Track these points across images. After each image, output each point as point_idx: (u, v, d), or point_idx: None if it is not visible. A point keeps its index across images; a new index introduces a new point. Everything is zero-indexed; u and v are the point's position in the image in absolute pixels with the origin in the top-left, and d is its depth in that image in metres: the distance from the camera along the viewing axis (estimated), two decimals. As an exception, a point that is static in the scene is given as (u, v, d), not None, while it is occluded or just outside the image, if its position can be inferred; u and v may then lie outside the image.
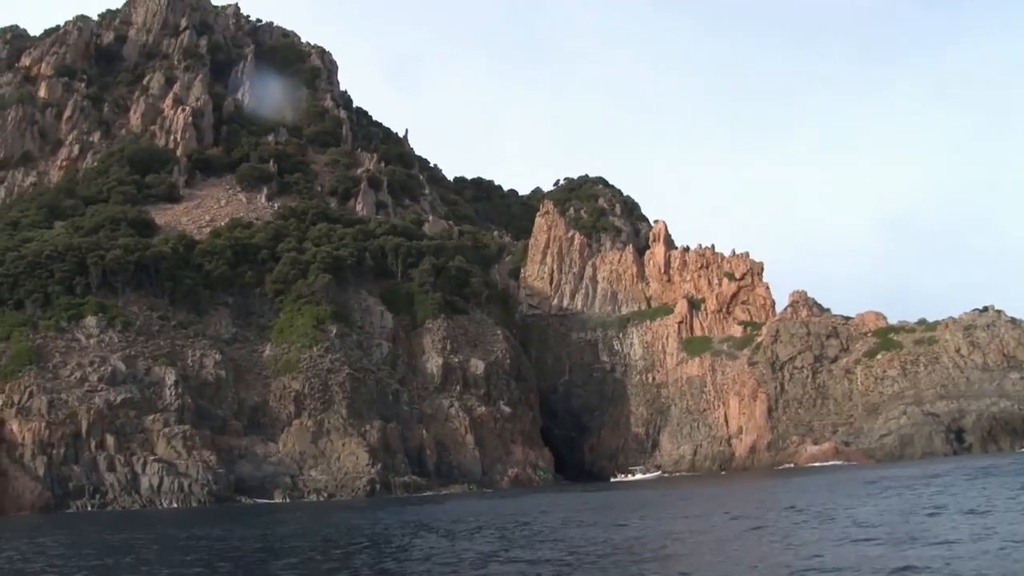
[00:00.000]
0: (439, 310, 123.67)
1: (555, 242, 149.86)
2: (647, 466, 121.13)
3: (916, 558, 22.21)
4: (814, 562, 22.77)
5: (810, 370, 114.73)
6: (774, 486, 70.95)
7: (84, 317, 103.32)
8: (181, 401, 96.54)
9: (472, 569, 26.24)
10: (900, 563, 21.36)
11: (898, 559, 22.18)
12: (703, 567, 24.69)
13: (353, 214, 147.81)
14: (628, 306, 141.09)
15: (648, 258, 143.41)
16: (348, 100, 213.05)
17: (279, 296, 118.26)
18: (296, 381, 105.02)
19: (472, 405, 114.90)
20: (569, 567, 25.38)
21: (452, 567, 27.12)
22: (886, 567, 21.07)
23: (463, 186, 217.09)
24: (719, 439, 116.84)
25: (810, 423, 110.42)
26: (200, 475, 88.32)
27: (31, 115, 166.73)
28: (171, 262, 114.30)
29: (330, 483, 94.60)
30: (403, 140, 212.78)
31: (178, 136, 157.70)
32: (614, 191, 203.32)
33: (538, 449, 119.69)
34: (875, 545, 25.66)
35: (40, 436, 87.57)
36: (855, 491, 50.96)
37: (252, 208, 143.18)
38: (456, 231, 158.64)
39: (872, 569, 21.15)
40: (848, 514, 35.74)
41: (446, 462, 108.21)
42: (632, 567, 24.99)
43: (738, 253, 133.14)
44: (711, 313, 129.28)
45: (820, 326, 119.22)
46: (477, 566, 26.81)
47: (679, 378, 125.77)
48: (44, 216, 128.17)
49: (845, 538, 27.92)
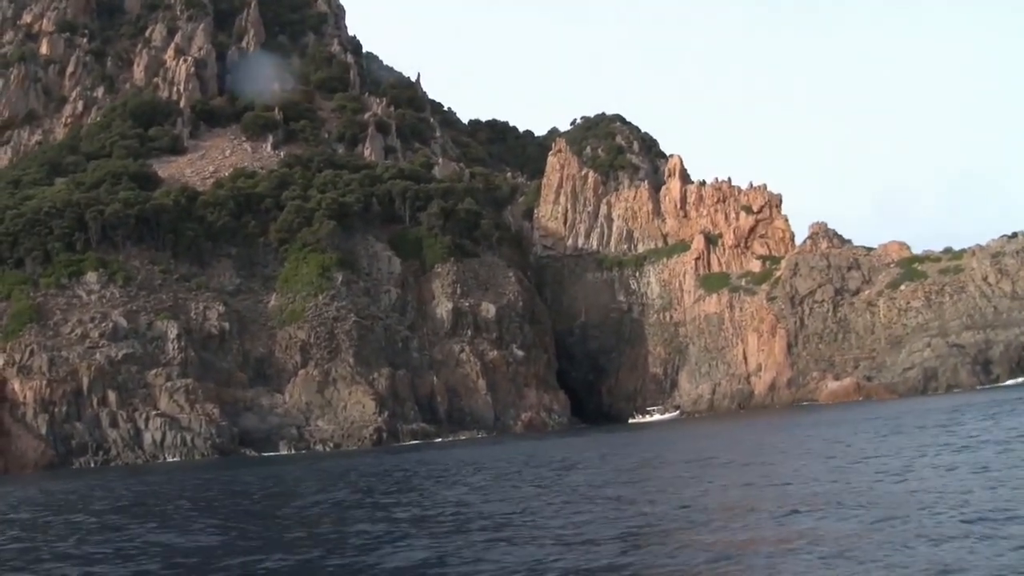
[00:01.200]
0: (448, 254, 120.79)
1: (568, 181, 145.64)
2: (666, 406, 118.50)
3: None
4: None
5: (831, 304, 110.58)
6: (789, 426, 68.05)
7: (84, 273, 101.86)
8: (184, 355, 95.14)
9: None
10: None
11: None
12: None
13: (361, 160, 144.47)
14: (644, 244, 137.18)
15: (664, 194, 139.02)
16: (357, 45, 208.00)
17: (284, 245, 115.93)
18: (302, 331, 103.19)
19: (484, 350, 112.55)
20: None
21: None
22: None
23: (477, 128, 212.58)
24: (738, 377, 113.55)
25: (831, 358, 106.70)
26: (203, 428, 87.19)
27: (34, 73, 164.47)
28: (172, 214, 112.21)
29: (336, 433, 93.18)
30: (415, 84, 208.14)
31: (181, 87, 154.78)
32: (632, 128, 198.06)
33: (553, 392, 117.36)
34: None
35: (41, 394, 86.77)
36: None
37: (257, 158, 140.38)
38: (467, 173, 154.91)
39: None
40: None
41: (457, 408, 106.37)
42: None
43: (755, 185, 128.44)
44: (728, 248, 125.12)
45: (841, 258, 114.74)
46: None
47: (697, 316, 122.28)
48: (45, 173, 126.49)
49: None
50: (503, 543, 18.69)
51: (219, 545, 22.67)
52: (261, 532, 25.27)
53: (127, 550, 22.54)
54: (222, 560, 19.90)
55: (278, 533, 24.73)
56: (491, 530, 20.85)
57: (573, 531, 19.59)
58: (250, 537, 24.11)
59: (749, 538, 17.10)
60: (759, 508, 21.04)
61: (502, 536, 19.74)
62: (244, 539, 23.68)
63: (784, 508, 20.13)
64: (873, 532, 16.30)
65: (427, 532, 21.64)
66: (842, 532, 16.58)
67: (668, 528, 19.32)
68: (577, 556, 16.59)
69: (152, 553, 21.73)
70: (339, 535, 22.57)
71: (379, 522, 24.38)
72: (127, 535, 26.27)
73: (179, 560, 20.52)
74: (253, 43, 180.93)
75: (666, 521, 20.33)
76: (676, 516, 21.00)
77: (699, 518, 20.48)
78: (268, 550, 20.73)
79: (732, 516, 20.25)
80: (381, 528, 23.01)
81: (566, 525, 20.58)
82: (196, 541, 23.67)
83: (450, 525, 22.70)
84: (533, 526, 21.28)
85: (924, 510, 18.17)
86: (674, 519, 20.54)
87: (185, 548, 22.49)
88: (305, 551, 20.36)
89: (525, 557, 16.79)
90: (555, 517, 22.52)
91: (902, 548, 14.66)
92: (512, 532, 20.31)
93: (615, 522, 20.76)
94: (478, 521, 22.83)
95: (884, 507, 18.94)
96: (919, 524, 16.63)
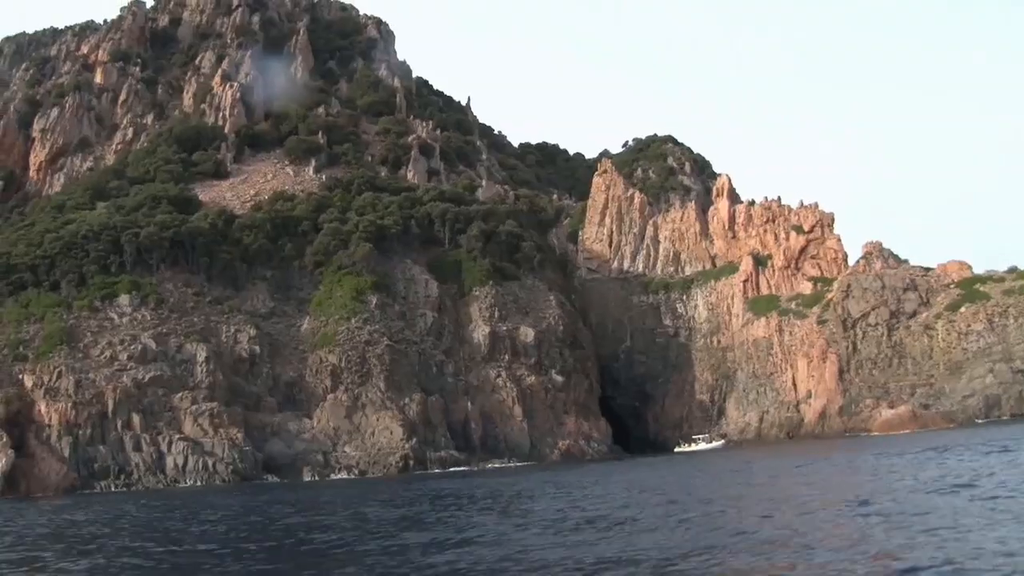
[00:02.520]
0: (487, 277, 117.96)
1: (614, 202, 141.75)
2: (712, 435, 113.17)
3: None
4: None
5: (885, 327, 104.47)
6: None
7: (118, 296, 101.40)
8: (212, 378, 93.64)
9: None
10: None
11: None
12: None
13: (403, 183, 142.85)
14: (692, 266, 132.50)
15: (712, 214, 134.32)
16: (407, 70, 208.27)
17: (319, 268, 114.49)
18: (333, 355, 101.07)
19: (521, 375, 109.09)
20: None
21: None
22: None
23: (527, 152, 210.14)
24: (787, 404, 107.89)
25: (885, 385, 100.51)
26: (226, 453, 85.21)
27: (88, 101, 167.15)
28: (208, 237, 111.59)
29: (363, 459, 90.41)
30: (465, 108, 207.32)
31: (226, 113, 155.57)
32: (683, 149, 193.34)
33: (593, 420, 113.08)
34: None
35: (67, 417, 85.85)
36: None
37: (299, 181, 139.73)
38: (512, 195, 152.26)
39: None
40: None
41: (492, 436, 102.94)
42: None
43: (807, 204, 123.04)
44: (778, 270, 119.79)
45: (896, 279, 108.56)
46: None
47: (745, 340, 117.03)
48: (88, 198, 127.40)
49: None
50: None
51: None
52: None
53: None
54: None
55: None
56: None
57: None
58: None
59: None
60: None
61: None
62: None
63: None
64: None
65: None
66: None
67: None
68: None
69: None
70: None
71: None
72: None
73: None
74: (301, 69, 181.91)
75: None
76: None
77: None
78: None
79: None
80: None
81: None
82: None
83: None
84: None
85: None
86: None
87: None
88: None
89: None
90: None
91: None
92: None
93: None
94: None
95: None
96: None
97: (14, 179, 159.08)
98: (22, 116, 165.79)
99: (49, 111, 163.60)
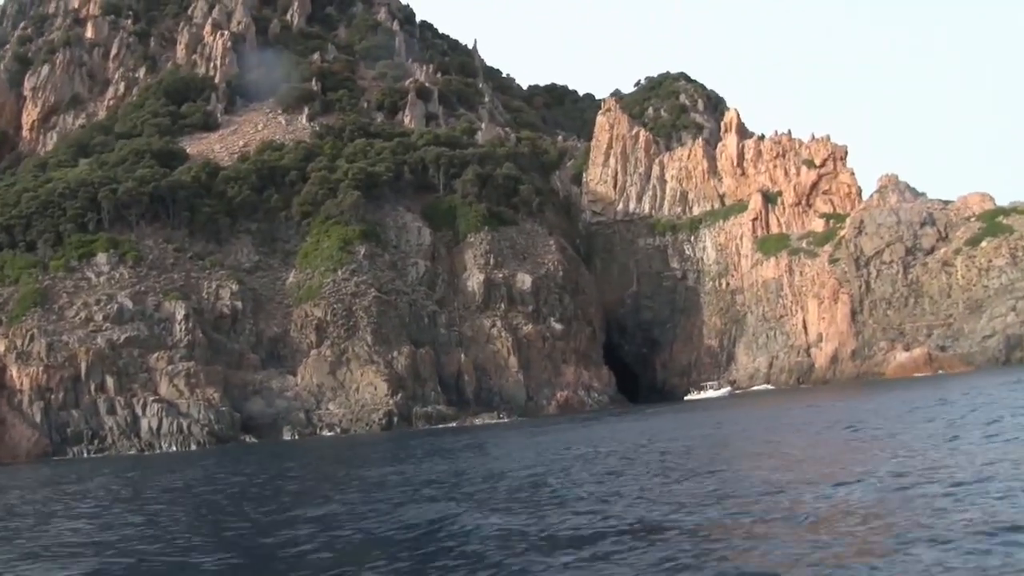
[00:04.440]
0: (483, 222, 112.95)
1: (618, 141, 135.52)
2: (720, 382, 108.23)
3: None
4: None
5: (900, 264, 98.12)
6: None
7: (95, 255, 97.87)
8: (191, 336, 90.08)
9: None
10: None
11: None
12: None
13: (399, 128, 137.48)
14: (700, 206, 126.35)
15: (720, 151, 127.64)
16: (409, 14, 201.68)
17: (306, 219, 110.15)
18: (318, 308, 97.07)
19: (518, 324, 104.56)
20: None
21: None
22: None
23: (535, 94, 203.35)
24: (797, 349, 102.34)
25: (900, 326, 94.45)
26: (201, 415, 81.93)
27: (79, 57, 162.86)
28: (190, 191, 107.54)
29: (346, 417, 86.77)
30: (471, 51, 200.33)
31: (217, 63, 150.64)
32: (696, 86, 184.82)
33: (595, 369, 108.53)
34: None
35: (38, 381, 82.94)
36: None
37: (291, 130, 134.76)
38: (513, 138, 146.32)
39: None
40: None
41: (486, 388, 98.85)
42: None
43: (818, 137, 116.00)
44: (788, 207, 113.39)
45: (913, 213, 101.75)
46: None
47: (754, 282, 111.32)
48: (72, 155, 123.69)
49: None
50: None
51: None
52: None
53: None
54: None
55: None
56: None
57: None
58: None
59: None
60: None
61: None
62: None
63: None
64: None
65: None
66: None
67: None
68: None
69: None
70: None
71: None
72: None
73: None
74: (298, 15, 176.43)
75: None
76: None
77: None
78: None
79: None
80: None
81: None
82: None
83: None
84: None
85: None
86: None
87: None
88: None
89: None
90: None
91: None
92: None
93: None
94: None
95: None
96: None
97: (7, 139, 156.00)
98: (13, 75, 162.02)
99: (40, 69, 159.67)
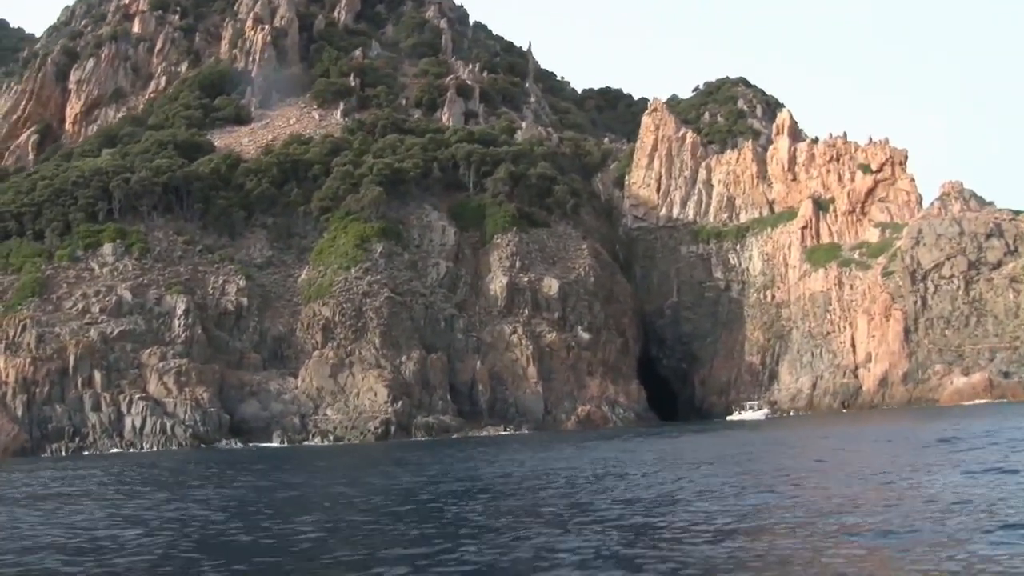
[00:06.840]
0: (511, 223, 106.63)
1: (664, 143, 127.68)
2: (760, 402, 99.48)
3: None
4: None
5: (962, 280, 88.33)
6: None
7: (102, 245, 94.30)
8: (190, 332, 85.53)
9: None
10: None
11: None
12: None
13: (433, 124, 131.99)
14: (747, 212, 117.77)
15: (771, 155, 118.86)
16: (462, 14, 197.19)
17: (325, 215, 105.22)
18: (326, 307, 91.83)
19: (541, 331, 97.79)
20: None
21: None
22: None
23: (587, 96, 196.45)
24: (842, 369, 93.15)
25: (959, 348, 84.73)
26: (187, 415, 77.04)
27: (124, 51, 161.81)
28: (205, 183, 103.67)
29: (342, 424, 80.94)
30: (524, 53, 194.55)
31: (256, 57, 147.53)
32: (755, 91, 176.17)
33: (623, 383, 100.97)
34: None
35: (24, 373, 79.03)
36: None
37: (324, 125, 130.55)
38: (555, 138, 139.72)
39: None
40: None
41: (501, 399, 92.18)
42: None
43: (876, 140, 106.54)
44: (841, 215, 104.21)
45: (977, 223, 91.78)
46: None
47: (801, 295, 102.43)
48: (97, 146, 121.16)
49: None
50: None
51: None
52: None
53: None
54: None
55: None
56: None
57: None
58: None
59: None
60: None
61: None
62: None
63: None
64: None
65: None
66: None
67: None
68: None
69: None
70: None
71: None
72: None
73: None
74: (345, 12, 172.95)
75: None
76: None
77: None
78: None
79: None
80: None
81: None
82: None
83: None
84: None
85: None
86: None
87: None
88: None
89: None
90: None
91: None
92: None
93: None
94: None
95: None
96: None
97: (51, 132, 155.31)
98: (60, 68, 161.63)
99: (85, 62, 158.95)
